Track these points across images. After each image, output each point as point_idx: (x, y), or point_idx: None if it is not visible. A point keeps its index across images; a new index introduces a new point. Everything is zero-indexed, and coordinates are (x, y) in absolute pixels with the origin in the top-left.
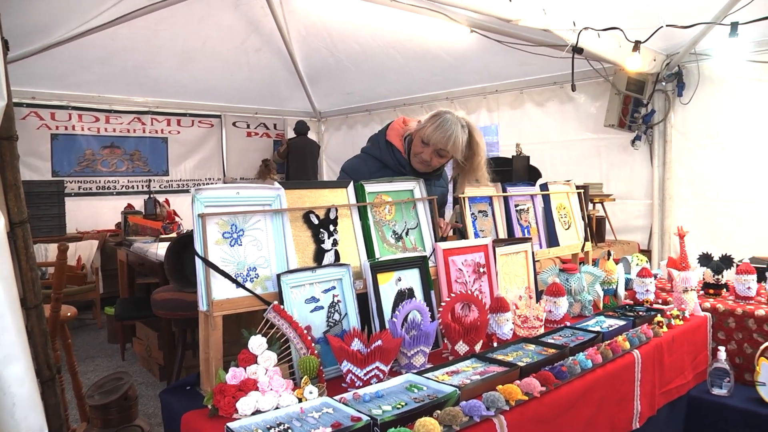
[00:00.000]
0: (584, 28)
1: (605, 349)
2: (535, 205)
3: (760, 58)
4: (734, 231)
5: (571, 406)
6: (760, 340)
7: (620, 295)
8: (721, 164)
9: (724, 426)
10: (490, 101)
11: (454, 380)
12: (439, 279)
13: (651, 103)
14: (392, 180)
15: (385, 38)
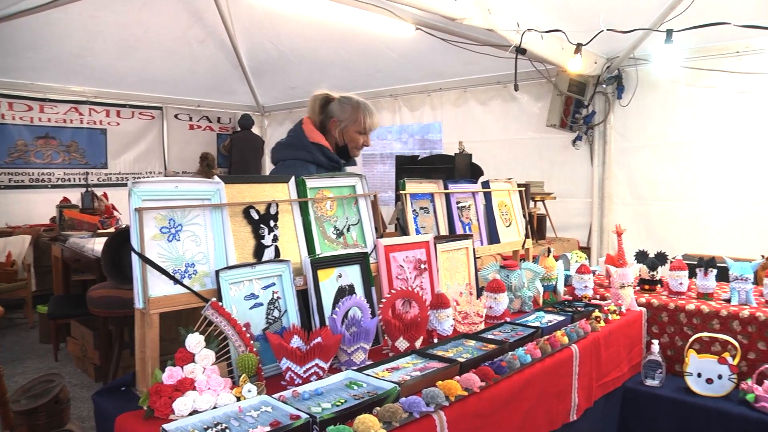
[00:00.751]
0: (528, 29)
1: (544, 344)
2: (476, 202)
3: (693, 64)
4: (669, 229)
5: (511, 400)
6: (689, 333)
7: (560, 291)
8: (656, 165)
9: (656, 414)
10: (434, 99)
11: (395, 377)
12: (380, 275)
13: (592, 105)
14: (334, 175)
15: (330, 33)
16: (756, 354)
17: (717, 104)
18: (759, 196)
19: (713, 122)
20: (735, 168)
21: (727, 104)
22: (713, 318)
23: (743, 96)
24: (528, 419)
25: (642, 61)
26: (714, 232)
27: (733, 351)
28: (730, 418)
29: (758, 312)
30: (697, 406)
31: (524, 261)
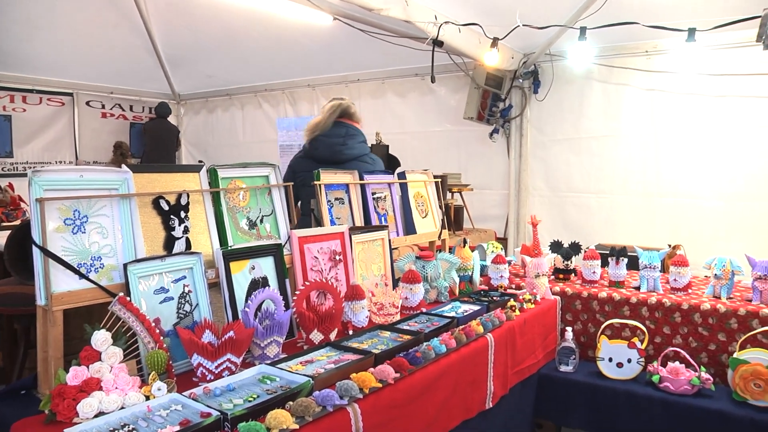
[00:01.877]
0: (445, 22)
1: (459, 333)
2: (392, 193)
3: (606, 62)
4: (583, 220)
5: (426, 391)
6: (601, 320)
7: (476, 281)
8: (571, 158)
9: (570, 399)
10: (352, 90)
11: (308, 370)
12: (294, 267)
13: (508, 99)
14: (247, 165)
15: (248, 21)
16: (662, 338)
17: (628, 101)
18: (666, 188)
19: (625, 118)
20: (645, 161)
21: (638, 101)
22: (624, 305)
23: (652, 93)
24: (444, 408)
25: (557, 57)
26: (626, 222)
27: (642, 336)
28: (638, 399)
29: (664, 298)
30: (608, 389)
31: (440, 252)
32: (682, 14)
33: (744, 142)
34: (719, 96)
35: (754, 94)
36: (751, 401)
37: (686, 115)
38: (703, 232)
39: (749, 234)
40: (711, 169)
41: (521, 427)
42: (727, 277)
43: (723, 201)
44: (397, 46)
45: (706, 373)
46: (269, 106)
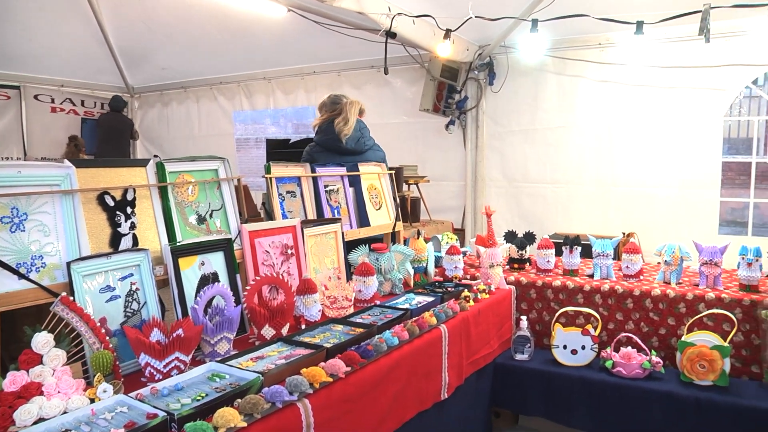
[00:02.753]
0: (398, 13)
1: (412, 325)
2: (345, 185)
3: (560, 54)
4: (540, 210)
5: (379, 383)
6: (556, 308)
7: (430, 272)
8: (527, 149)
9: (526, 387)
10: (308, 82)
11: (259, 366)
12: (245, 262)
13: (464, 90)
14: (195, 159)
15: (202, 12)
16: (615, 324)
17: (582, 92)
18: (620, 177)
19: (579, 109)
20: (599, 152)
21: (592, 92)
22: (578, 293)
23: (605, 85)
24: (397, 400)
25: (512, 49)
26: (581, 211)
27: (595, 323)
28: (592, 384)
29: (617, 285)
30: (563, 376)
31: (395, 244)
32: (632, 8)
33: (693, 132)
34: (669, 87)
35: (701, 86)
36: (696, 381)
37: (638, 106)
38: (656, 220)
39: (698, 221)
40: (662, 158)
41: (478, 416)
42: (676, 263)
43: (674, 189)
44: (352, 38)
45: (657, 356)
46: (225, 99)
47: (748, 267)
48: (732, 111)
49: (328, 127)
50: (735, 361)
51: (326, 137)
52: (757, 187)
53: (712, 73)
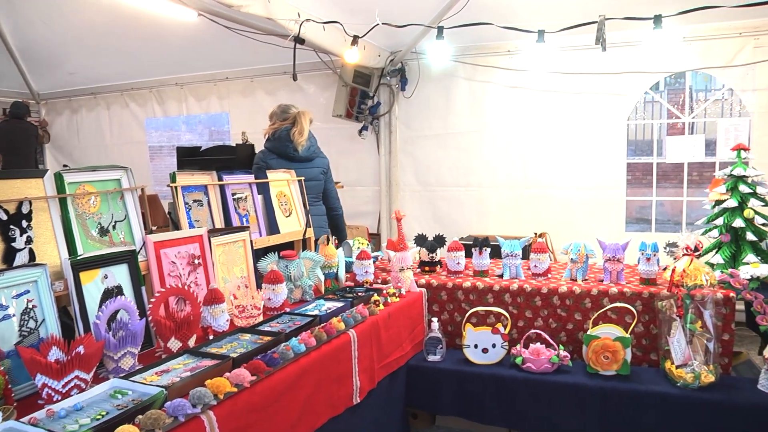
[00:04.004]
0: (306, 19)
1: (319, 331)
2: (253, 193)
3: (470, 60)
4: (454, 213)
5: (287, 391)
6: (467, 309)
7: (341, 278)
8: (440, 153)
9: (439, 387)
10: (221, 88)
11: (164, 380)
12: (151, 274)
13: (377, 96)
14: (96, 168)
15: (110, 15)
16: (524, 321)
17: (493, 97)
18: (531, 180)
19: (490, 114)
20: (510, 155)
21: (502, 98)
22: (488, 293)
23: (515, 90)
24: (307, 407)
25: (423, 55)
26: (495, 214)
27: (505, 321)
28: (503, 381)
29: (525, 284)
30: (475, 375)
31: (305, 250)
32: (536, 17)
33: (599, 135)
34: (576, 93)
35: (604, 92)
36: (601, 372)
37: (547, 111)
38: (566, 220)
39: (607, 219)
40: (571, 160)
41: (394, 418)
42: (581, 260)
43: (583, 190)
44: (264, 43)
45: (565, 350)
46: (137, 106)
47: (647, 262)
48: (634, 115)
49: (281, 134)
50: (636, 350)
51: (280, 144)
52: (659, 186)
53: (614, 80)
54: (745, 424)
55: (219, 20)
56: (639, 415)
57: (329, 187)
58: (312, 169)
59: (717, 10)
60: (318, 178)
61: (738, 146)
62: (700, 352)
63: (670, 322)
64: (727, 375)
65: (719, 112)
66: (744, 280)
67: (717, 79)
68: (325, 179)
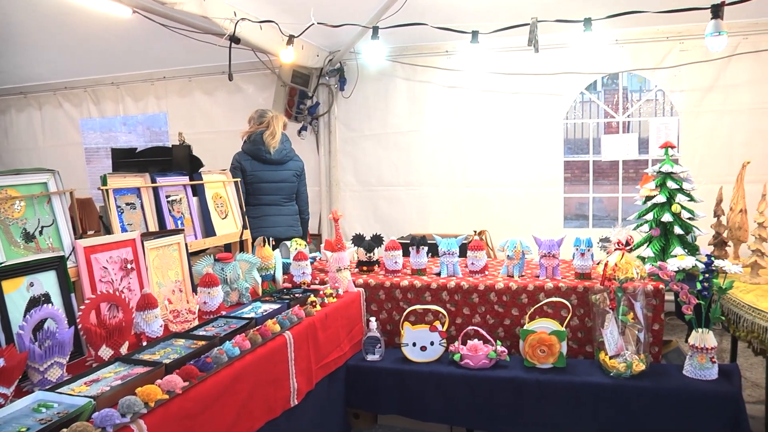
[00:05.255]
0: (241, 18)
1: (254, 334)
2: (188, 195)
3: (409, 60)
4: (395, 212)
5: (222, 395)
6: (405, 307)
7: (278, 279)
8: (380, 153)
9: (378, 386)
10: (158, 88)
11: (93, 390)
12: (81, 280)
13: (316, 96)
14: (20, 172)
15: (40, 11)
16: (462, 318)
17: (432, 97)
18: (471, 178)
19: (429, 113)
20: (450, 154)
21: (440, 97)
22: (425, 291)
23: (453, 90)
24: (243, 411)
25: (362, 55)
26: (436, 212)
27: (443, 318)
28: (441, 378)
29: (462, 281)
30: (414, 373)
31: (241, 252)
32: (471, 19)
33: (536, 134)
34: (513, 93)
35: (541, 92)
36: (538, 365)
37: (485, 111)
38: (506, 217)
39: (545, 216)
40: (510, 159)
41: (334, 419)
42: (518, 257)
43: (522, 188)
44: (202, 42)
45: (502, 346)
46: (71, 106)
47: (581, 257)
48: (571, 114)
49: (256, 137)
50: (572, 343)
51: (254, 147)
52: (597, 183)
53: (551, 80)
54: (672, 408)
55: (154, 17)
56: (575, 405)
57: (301, 189)
58: (284, 171)
59: (645, 16)
60: (290, 180)
61: (666, 144)
62: (631, 342)
63: (603, 315)
64: (657, 363)
65: (652, 112)
66: (671, 272)
67: (649, 81)
68: (298, 182)
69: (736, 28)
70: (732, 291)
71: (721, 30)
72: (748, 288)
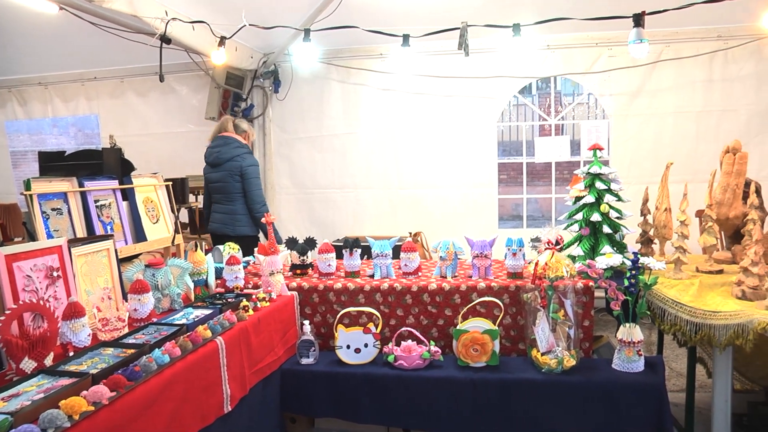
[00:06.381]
0: (172, 18)
1: (184, 341)
2: (118, 199)
3: (343, 62)
4: (330, 215)
5: (151, 405)
6: (338, 310)
7: (211, 284)
8: (315, 155)
9: (313, 390)
10: (89, 89)
11: (12, 405)
12: (2, 290)
13: (250, 98)
14: None
15: None
16: (396, 320)
17: (366, 99)
18: (407, 181)
19: (364, 116)
20: (385, 156)
21: (375, 100)
22: (359, 293)
23: (388, 93)
24: (175, 420)
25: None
26: (371, 215)
27: (377, 320)
28: (376, 380)
29: (396, 283)
30: (349, 375)
31: (173, 258)
32: (403, 22)
33: (471, 137)
34: (447, 96)
35: (475, 95)
36: (472, 364)
37: (420, 113)
38: (442, 219)
39: (481, 217)
40: (446, 161)
41: (270, 424)
42: (450, 258)
43: (458, 189)
44: (134, 42)
45: (436, 346)
46: None
47: (513, 257)
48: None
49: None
50: (506, 341)
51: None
52: (532, 184)
53: (484, 84)
54: (601, 400)
55: (83, 15)
56: (508, 402)
57: (247, 189)
58: (220, 172)
59: (576, 23)
60: (224, 180)
61: (594, 146)
62: (562, 338)
63: (535, 313)
64: (588, 358)
65: (585, 115)
66: (600, 270)
67: (581, 85)
68: (242, 182)
69: (659, 36)
70: (657, 286)
71: (643, 38)
72: (671, 283)
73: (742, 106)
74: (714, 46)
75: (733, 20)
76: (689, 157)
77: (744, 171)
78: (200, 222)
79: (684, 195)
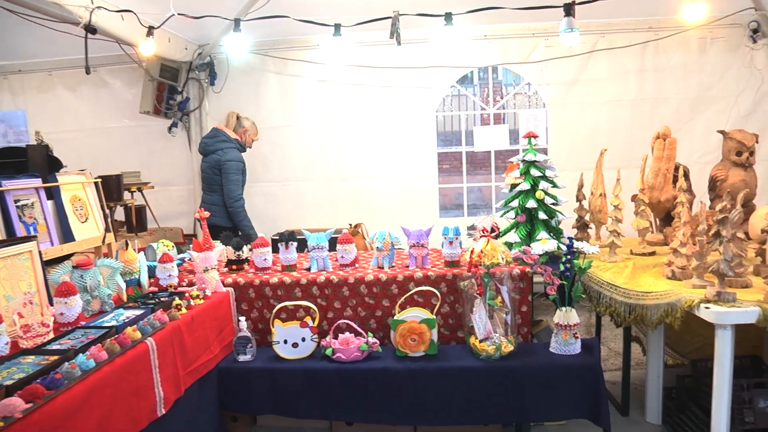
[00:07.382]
0: (97, 6)
1: (111, 344)
2: (41, 199)
3: (280, 54)
4: (271, 209)
5: (76, 413)
6: (275, 305)
7: (144, 284)
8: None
9: (252, 387)
10: (14, 83)
11: None
12: None
13: (185, 91)
14: None
15: None
16: (334, 312)
17: (304, 91)
18: (346, 172)
19: (301, 107)
20: (323, 148)
21: (313, 91)
22: (295, 287)
23: (325, 84)
24: (103, 427)
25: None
26: (311, 207)
27: (314, 314)
28: (315, 374)
29: (333, 275)
30: (287, 370)
31: (103, 257)
32: (335, 12)
33: (410, 127)
34: (386, 86)
35: (414, 85)
36: (410, 354)
37: (358, 104)
38: (383, 209)
39: (422, 207)
40: (385, 152)
41: (208, 424)
42: (387, 248)
43: (398, 179)
44: (61, 33)
45: (374, 337)
46: None
47: (449, 245)
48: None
49: None
50: (444, 329)
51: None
52: (473, 173)
53: (421, 74)
54: (540, 383)
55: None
56: (448, 389)
57: (223, 182)
58: (204, 163)
59: (512, 13)
60: (206, 172)
61: (529, 134)
62: (500, 325)
63: (472, 300)
64: (526, 342)
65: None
66: (535, 256)
67: (520, 75)
68: (220, 175)
69: (594, 27)
70: (592, 270)
71: (573, 27)
72: (606, 266)
73: (672, 95)
74: (645, 37)
75: (662, 12)
76: (624, 144)
77: (674, 156)
78: (137, 220)
79: (617, 180)
